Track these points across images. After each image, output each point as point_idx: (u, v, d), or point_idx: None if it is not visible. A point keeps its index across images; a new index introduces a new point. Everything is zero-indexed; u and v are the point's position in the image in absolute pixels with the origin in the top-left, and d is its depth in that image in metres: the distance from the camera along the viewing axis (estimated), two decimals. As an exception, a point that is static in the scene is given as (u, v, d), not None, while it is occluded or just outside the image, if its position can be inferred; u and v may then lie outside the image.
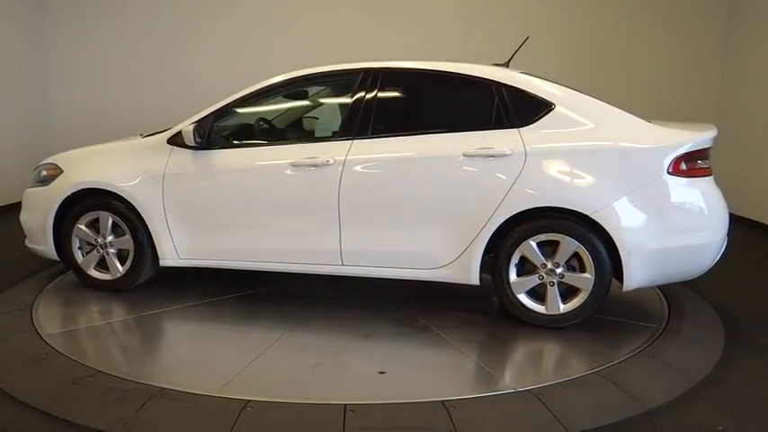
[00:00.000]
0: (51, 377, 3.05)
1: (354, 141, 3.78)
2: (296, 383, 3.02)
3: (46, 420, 2.68)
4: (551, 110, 3.58)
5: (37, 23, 7.75)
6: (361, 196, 3.75)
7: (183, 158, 4.04)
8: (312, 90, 4.35)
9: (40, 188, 4.39)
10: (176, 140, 4.04)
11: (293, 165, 3.81)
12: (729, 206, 3.64)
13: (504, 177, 3.52)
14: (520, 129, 3.58)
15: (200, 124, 3.96)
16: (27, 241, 4.53)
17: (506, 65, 4.13)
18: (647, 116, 3.72)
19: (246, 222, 4.00)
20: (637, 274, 3.43)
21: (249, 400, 2.76)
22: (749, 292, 4.55)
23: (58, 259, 4.40)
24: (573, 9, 7.51)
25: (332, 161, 3.74)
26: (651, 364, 3.23)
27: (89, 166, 4.31)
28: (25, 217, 4.48)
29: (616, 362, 3.20)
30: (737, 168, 6.84)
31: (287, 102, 4.34)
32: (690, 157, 3.45)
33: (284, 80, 4.03)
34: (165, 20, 7.77)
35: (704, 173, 3.53)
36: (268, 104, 4.19)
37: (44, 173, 4.41)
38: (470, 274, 3.63)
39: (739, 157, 6.91)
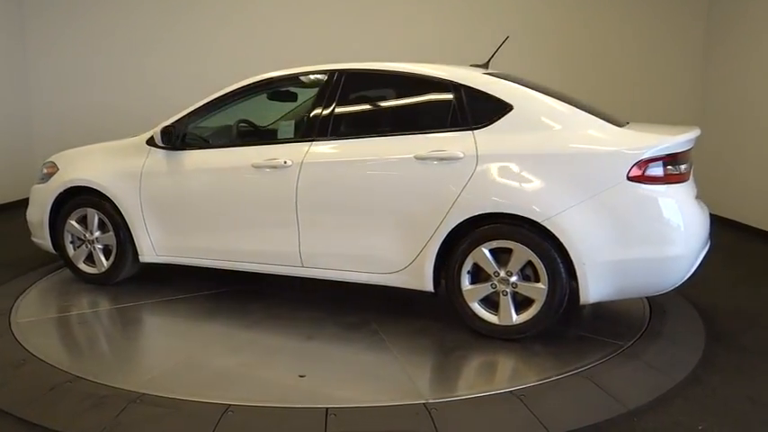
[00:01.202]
0: (29, 383, 3.01)
1: (313, 143, 3.79)
2: (212, 382, 3.03)
3: (23, 427, 2.64)
4: (509, 112, 3.44)
5: (16, 23, 7.67)
6: (317, 198, 3.75)
7: (159, 159, 4.19)
8: (280, 92, 4.33)
9: (41, 185, 4.64)
10: (152, 141, 4.19)
11: (254, 166, 3.86)
12: (710, 207, 3.61)
13: (454, 181, 3.41)
14: (475, 131, 3.45)
15: (173, 126, 4.10)
16: (32, 236, 4.75)
17: (486, 65, 4.13)
18: (633, 118, 3.73)
19: (213, 222, 4.09)
20: (594, 286, 3.23)
21: (230, 405, 2.74)
22: (730, 292, 4.59)
23: (55, 252, 4.62)
24: (560, 15, 7.57)
25: (290, 163, 3.76)
26: (632, 364, 3.25)
27: (80, 165, 4.51)
28: (29, 212, 4.73)
29: (597, 363, 3.21)
30: (719, 169, 6.92)
31: (255, 104, 4.36)
32: (654, 162, 3.21)
33: (252, 83, 4.09)
34: (151, 21, 7.73)
35: (673, 179, 3.26)
36: (237, 107, 4.24)
37: (45, 170, 4.67)
38: (424, 280, 3.53)
39: (721, 159, 6.98)
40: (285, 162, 3.77)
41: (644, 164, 3.19)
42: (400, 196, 3.56)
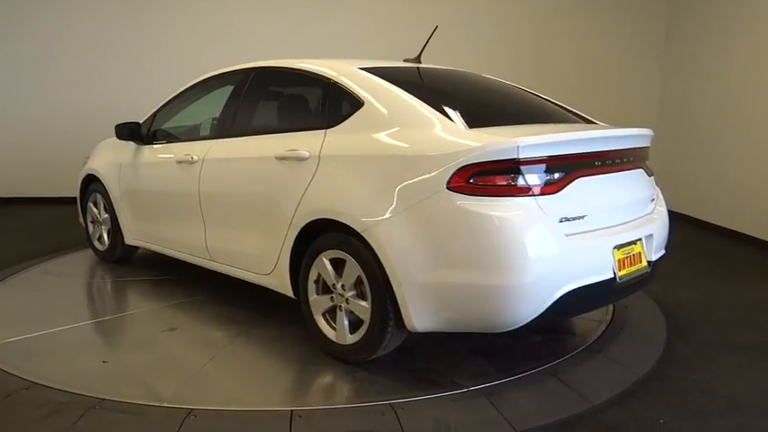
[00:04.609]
0: (-18, 391, 2.92)
1: (216, 141, 3.93)
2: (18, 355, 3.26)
3: (-25, 437, 2.57)
4: (359, 109, 3.16)
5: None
6: (211, 194, 3.87)
7: (132, 152, 4.64)
8: (211, 92, 4.38)
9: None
10: None
11: (177, 161, 4.11)
12: (668, 204, 3.50)
13: (300, 183, 3.22)
14: (328, 129, 3.24)
15: (131, 123, 4.54)
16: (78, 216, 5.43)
17: (418, 59, 4.09)
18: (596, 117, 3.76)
19: (154, 212, 4.45)
20: (416, 311, 2.78)
21: (192, 409, 2.69)
22: (689, 286, 4.69)
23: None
24: (520, 10, 7.64)
25: (196, 158, 3.95)
26: (596, 359, 3.28)
27: (96, 156, 5.11)
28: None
29: (561, 359, 3.23)
30: (678, 168, 7.07)
31: (196, 104, 4.52)
32: (487, 169, 2.65)
33: (194, 83, 4.38)
34: (110, 19, 7.57)
35: (514, 191, 2.65)
36: (183, 107, 4.53)
37: (84, 160, 5.25)
38: (286, 284, 3.39)
39: (678, 157, 7.13)
40: (192, 158, 3.97)
41: (469, 171, 2.66)
42: (265, 197, 3.46)
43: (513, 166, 2.64)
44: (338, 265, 3.09)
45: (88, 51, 7.61)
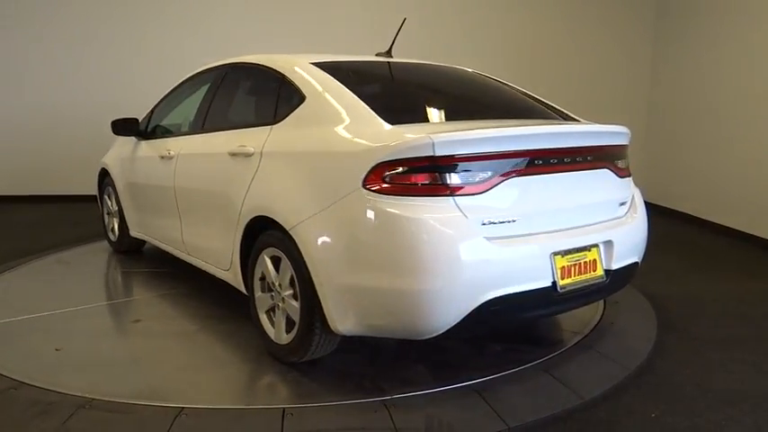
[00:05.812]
0: (-30, 391, 2.89)
1: (190, 137, 4.03)
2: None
3: (-37, 438, 2.54)
4: (301, 104, 3.11)
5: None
6: (183, 189, 3.94)
7: (132, 146, 4.77)
8: (198, 88, 4.35)
9: None
10: None
11: (160, 156, 4.21)
12: (645, 196, 3.28)
13: (245, 180, 3.19)
14: (273, 125, 3.20)
15: (132, 119, 4.67)
16: None
17: (389, 52, 4.04)
18: (585, 115, 3.75)
19: (146, 205, 4.56)
20: (336, 313, 2.69)
21: (183, 407, 2.67)
22: (679, 281, 4.72)
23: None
24: (511, 11, 7.64)
25: (173, 153, 4.04)
26: (588, 354, 3.29)
27: (110, 151, 5.26)
28: None
29: (553, 355, 3.23)
30: (666, 163, 7.09)
31: (184, 99, 4.55)
32: (401, 167, 2.51)
33: (185, 80, 4.48)
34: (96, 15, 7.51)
35: (431, 191, 2.50)
36: (175, 103, 4.62)
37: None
38: (240, 281, 3.38)
39: (668, 154, 7.16)
40: (170, 153, 4.07)
41: (384, 169, 2.54)
42: (221, 192, 3.45)
43: (429, 165, 2.49)
44: (279, 263, 3.04)
45: (104, 52, 7.57)
